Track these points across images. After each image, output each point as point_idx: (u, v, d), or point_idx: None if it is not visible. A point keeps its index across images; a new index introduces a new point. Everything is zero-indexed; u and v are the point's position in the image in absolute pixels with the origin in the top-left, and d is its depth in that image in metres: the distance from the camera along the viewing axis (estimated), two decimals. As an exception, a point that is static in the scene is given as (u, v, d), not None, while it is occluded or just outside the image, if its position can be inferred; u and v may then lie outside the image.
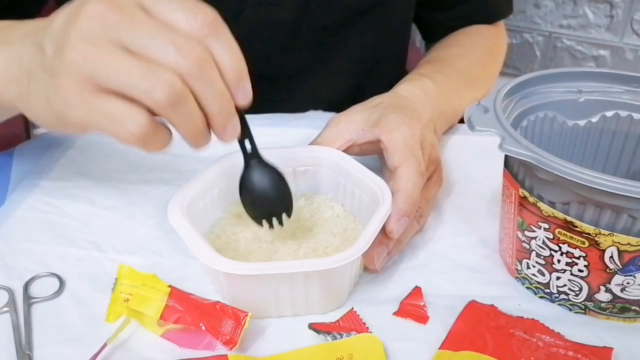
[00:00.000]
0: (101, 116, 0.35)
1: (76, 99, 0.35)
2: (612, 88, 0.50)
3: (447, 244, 0.52)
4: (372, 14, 0.69)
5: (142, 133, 0.34)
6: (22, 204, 0.55)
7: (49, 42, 0.36)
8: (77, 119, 0.35)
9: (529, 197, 0.42)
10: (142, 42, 0.34)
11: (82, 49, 0.34)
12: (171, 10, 0.35)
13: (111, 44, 0.34)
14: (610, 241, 0.39)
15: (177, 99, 0.34)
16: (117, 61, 0.34)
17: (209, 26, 0.35)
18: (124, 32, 0.34)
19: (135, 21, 0.34)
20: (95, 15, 0.34)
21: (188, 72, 0.34)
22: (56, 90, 0.35)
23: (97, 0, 0.35)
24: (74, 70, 0.34)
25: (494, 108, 0.44)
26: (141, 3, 0.35)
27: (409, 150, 0.49)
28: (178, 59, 0.34)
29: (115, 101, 0.34)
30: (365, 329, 0.43)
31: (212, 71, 0.35)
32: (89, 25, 0.34)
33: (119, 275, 0.45)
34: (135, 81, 0.33)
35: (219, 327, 0.41)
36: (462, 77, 0.69)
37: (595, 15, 1.31)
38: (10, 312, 0.44)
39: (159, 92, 0.33)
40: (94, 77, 0.34)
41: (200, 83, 0.35)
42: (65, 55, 0.34)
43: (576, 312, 0.45)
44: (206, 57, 0.35)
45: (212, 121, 0.36)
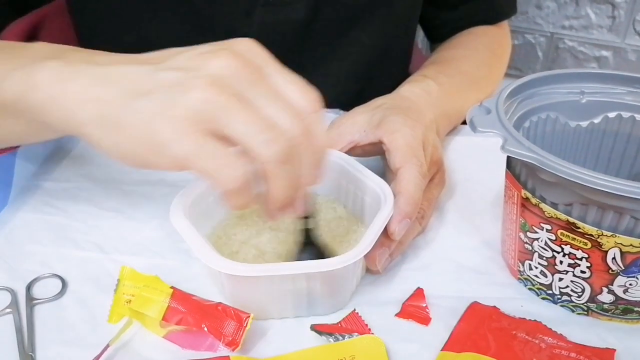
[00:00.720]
0: (206, 155, 0.35)
1: (188, 133, 0.35)
2: (615, 89, 0.50)
3: (450, 245, 0.52)
4: (379, 12, 0.69)
5: (241, 182, 0.35)
6: (25, 205, 0.55)
7: (169, 74, 0.36)
8: (181, 152, 0.35)
9: (532, 199, 0.42)
10: (264, 101, 0.36)
11: (211, 90, 0.35)
12: (288, 84, 0.37)
13: (237, 94, 0.35)
14: (612, 242, 0.39)
15: (287, 157, 0.36)
16: (241, 110, 0.35)
17: (314, 109, 0.38)
18: (250, 88, 0.36)
19: (262, 82, 0.36)
20: (228, 65, 0.36)
21: (297, 137, 0.36)
22: (168, 121, 0.35)
23: (231, 53, 0.36)
24: (196, 107, 0.35)
25: (496, 109, 0.44)
26: (264, 68, 0.37)
27: (410, 151, 0.49)
28: (292, 124, 0.36)
29: (226, 147, 0.35)
30: (367, 330, 0.43)
31: (312, 142, 0.37)
32: (220, 72, 0.35)
33: (121, 277, 0.45)
34: (256, 132, 0.35)
35: (221, 328, 0.41)
36: (465, 78, 0.69)
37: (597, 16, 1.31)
38: (13, 313, 0.44)
39: (276, 147, 0.35)
40: (216, 119, 0.35)
41: (303, 149, 0.37)
42: (192, 92, 0.35)
43: (579, 313, 0.45)
44: (309, 133, 0.37)
45: (298, 189, 0.38)
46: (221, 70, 0.35)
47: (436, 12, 0.78)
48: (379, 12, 0.69)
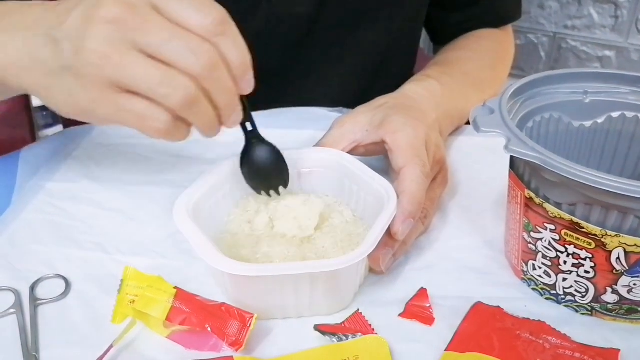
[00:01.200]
0: (127, 114, 0.37)
1: (102, 98, 0.37)
2: (618, 89, 0.50)
3: (453, 245, 0.52)
4: (386, 10, 0.69)
5: (167, 128, 0.38)
6: (28, 206, 0.55)
7: (66, 41, 0.38)
8: (104, 116, 0.38)
9: (535, 199, 0.42)
10: (158, 45, 0.36)
11: (102, 53, 0.36)
12: (183, 10, 0.37)
13: (129, 47, 0.36)
14: (616, 242, 0.39)
15: (191, 101, 0.37)
16: (136, 66, 0.36)
17: (219, 25, 0.37)
18: (140, 35, 0.36)
19: (150, 24, 0.36)
20: (111, 18, 0.36)
21: (201, 73, 0.37)
22: (81, 89, 0.38)
23: (113, 2, 0.36)
24: (96, 72, 0.36)
25: (499, 109, 0.44)
26: (153, 2, 0.37)
27: (413, 151, 0.49)
28: (192, 62, 0.36)
29: (139, 100, 0.37)
30: (370, 330, 0.43)
31: (222, 70, 0.38)
32: (106, 28, 0.36)
33: (125, 277, 0.45)
34: (154, 86, 0.36)
35: (225, 328, 0.41)
36: (469, 79, 0.69)
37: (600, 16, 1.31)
38: (17, 313, 0.44)
39: (176, 97, 0.36)
40: (116, 80, 0.36)
41: (212, 82, 0.38)
42: (86, 58, 0.36)
43: (582, 313, 0.45)
44: (216, 58, 0.37)
45: (220, 112, 0.40)
46: (108, 25, 0.36)
47: (441, 13, 0.78)
48: (385, 10, 0.69)
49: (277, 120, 0.67)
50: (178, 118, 0.38)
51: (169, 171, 0.60)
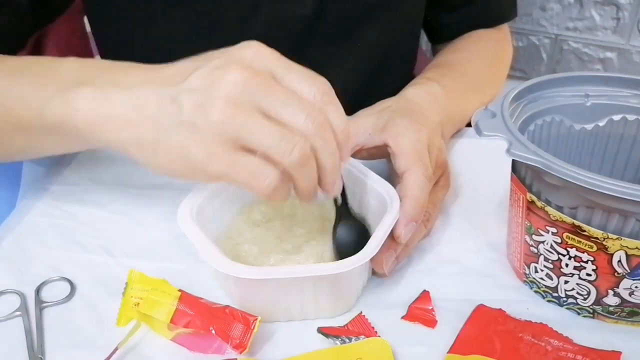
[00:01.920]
0: (239, 170, 0.39)
1: (218, 154, 0.39)
2: (620, 92, 0.50)
3: (455, 248, 0.52)
4: (386, 11, 0.70)
5: (275, 185, 0.39)
6: (33, 208, 0.55)
7: (187, 98, 0.39)
8: (216, 171, 0.39)
9: (537, 202, 0.43)
10: (278, 108, 0.39)
11: (229, 111, 0.38)
12: (297, 80, 0.40)
13: (252, 108, 0.38)
14: (618, 245, 0.40)
15: (305, 161, 0.39)
16: (259, 125, 0.38)
17: (325, 95, 0.41)
18: (263, 99, 0.39)
19: (272, 89, 0.39)
20: (239, 81, 0.38)
21: (314, 135, 0.39)
22: (198, 145, 0.39)
23: (240, 67, 0.39)
24: (220, 129, 0.38)
25: (501, 113, 0.45)
26: (274, 73, 0.40)
27: (416, 155, 0.49)
28: (307, 124, 0.39)
29: (253, 158, 0.39)
30: (373, 333, 0.43)
31: (330, 133, 0.40)
32: (233, 90, 0.38)
33: (130, 280, 0.45)
34: (274, 143, 0.38)
35: (229, 331, 0.41)
36: (469, 81, 0.69)
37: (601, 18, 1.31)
38: (22, 316, 0.44)
39: (295, 154, 0.39)
40: (239, 137, 0.38)
41: (321, 143, 0.40)
42: (211, 115, 0.38)
43: (584, 316, 0.45)
44: (326, 122, 0.40)
45: (324, 177, 0.41)
46: (235, 87, 0.38)
47: (437, 14, 0.79)
48: (385, 10, 0.70)
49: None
50: (284, 181, 0.40)
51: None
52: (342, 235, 0.47)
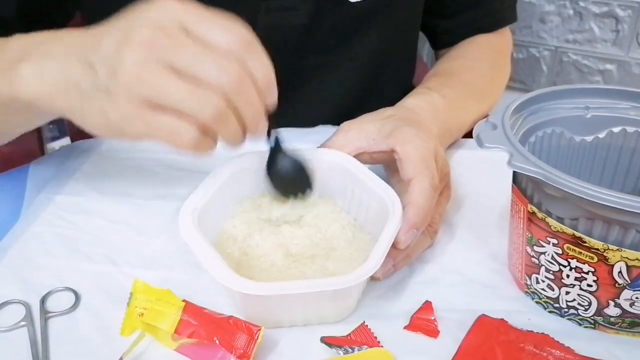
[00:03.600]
0: (158, 130, 0.39)
1: (134, 116, 0.39)
2: (619, 104, 0.51)
3: (457, 258, 0.52)
4: (380, 17, 0.70)
5: (195, 142, 0.40)
6: (38, 219, 0.56)
7: (101, 64, 0.40)
8: (136, 133, 0.40)
9: (538, 213, 0.43)
10: (188, 64, 0.39)
11: (137, 73, 0.38)
12: (211, 31, 0.39)
13: (161, 67, 0.38)
14: (618, 256, 0.40)
15: (221, 115, 0.39)
16: (168, 84, 0.38)
17: (244, 43, 0.40)
18: (171, 55, 0.38)
19: (181, 45, 0.39)
20: (145, 41, 0.38)
21: (229, 89, 0.39)
22: (114, 108, 0.40)
23: (146, 26, 0.39)
24: (130, 91, 0.39)
25: (502, 125, 0.45)
26: (184, 25, 0.39)
27: (423, 162, 0.49)
28: (221, 79, 0.39)
29: (170, 116, 0.39)
30: (376, 343, 0.43)
31: (248, 86, 0.40)
32: (140, 51, 0.38)
33: (134, 290, 0.46)
34: (186, 102, 0.38)
35: (233, 341, 0.41)
36: (469, 89, 0.70)
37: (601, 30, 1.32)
38: (27, 326, 0.44)
39: (207, 111, 0.39)
40: (149, 97, 0.39)
41: (239, 97, 0.40)
42: (121, 78, 0.39)
43: (586, 326, 0.45)
44: (243, 74, 0.40)
45: (247, 125, 0.42)
46: (140, 47, 0.38)
47: (436, 20, 0.79)
48: (380, 17, 0.70)
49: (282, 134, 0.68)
50: (205, 132, 0.40)
51: (176, 185, 0.61)
52: (281, 169, 0.50)
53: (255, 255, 0.48)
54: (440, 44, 0.83)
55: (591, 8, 1.31)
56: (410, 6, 0.74)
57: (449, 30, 0.80)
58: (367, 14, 0.69)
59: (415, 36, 0.81)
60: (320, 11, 0.67)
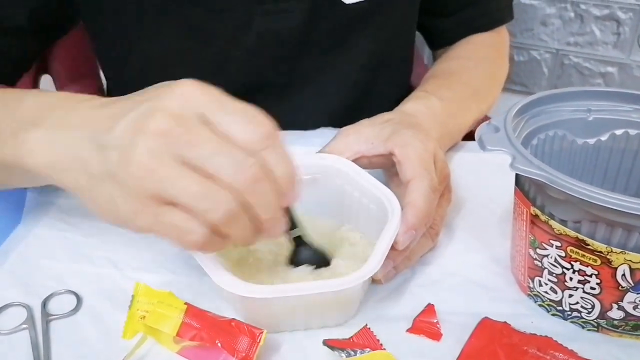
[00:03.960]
0: (165, 226, 0.37)
1: (142, 210, 0.37)
2: (621, 107, 0.51)
3: (459, 261, 0.52)
4: (376, 19, 0.70)
5: (202, 242, 0.37)
6: (39, 221, 0.56)
7: (113, 149, 0.38)
8: (142, 226, 0.38)
9: (541, 215, 0.43)
10: (203, 158, 0.36)
11: (148, 166, 0.36)
12: (232, 124, 0.37)
13: (174, 160, 0.36)
14: (622, 259, 0.40)
15: (231, 218, 0.37)
16: (179, 180, 0.36)
17: (266, 139, 0.37)
18: (186, 149, 0.36)
19: (198, 138, 0.36)
20: (160, 131, 0.36)
21: (244, 188, 0.36)
22: (123, 199, 0.37)
23: (163, 114, 0.36)
24: (139, 185, 0.36)
25: (504, 127, 0.45)
26: (204, 116, 0.37)
27: (422, 164, 0.49)
28: (235, 176, 0.36)
29: (178, 213, 0.36)
30: (379, 345, 0.43)
31: (265, 185, 0.37)
32: (153, 141, 0.36)
33: (136, 293, 0.45)
34: (195, 201, 0.36)
35: (235, 344, 0.41)
36: (467, 90, 0.70)
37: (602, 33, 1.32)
38: (29, 329, 0.44)
39: (217, 212, 0.36)
40: (158, 192, 0.36)
41: (254, 197, 0.37)
42: (131, 170, 0.36)
43: (589, 329, 0.45)
44: (260, 173, 0.37)
45: (261, 225, 0.39)
46: (156, 138, 0.36)
47: (432, 19, 0.80)
48: (375, 18, 0.70)
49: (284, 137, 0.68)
50: (216, 231, 0.38)
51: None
52: (303, 262, 0.47)
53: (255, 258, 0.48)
54: (437, 44, 0.83)
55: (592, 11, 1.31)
56: (406, 7, 0.74)
57: (446, 30, 0.80)
58: (362, 16, 0.69)
59: (411, 36, 0.81)
60: (316, 13, 0.67)
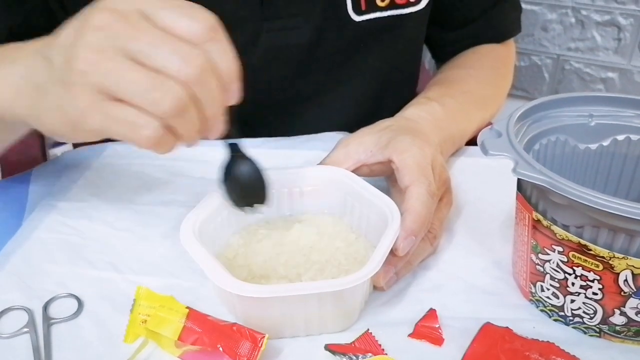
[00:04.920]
0: (116, 123, 0.36)
1: (91, 107, 0.36)
2: (623, 112, 0.51)
3: (461, 266, 0.52)
4: (385, 35, 0.71)
5: (156, 137, 0.36)
6: (40, 225, 0.56)
7: (57, 54, 0.37)
8: (93, 126, 0.37)
9: (543, 221, 0.43)
10: (147, 51, 0.35)
11: (91, 59, 0.35)
12: (173, 17, 0.36)
13: (118, 53, 0.35)
14: (624, 264, 0.40)
15: (181, 108, 0.36)
16: (124, 72, 0.35)
17: (209, 31, 0.37)
18: (129, 42, 0.35)
19: (140, 31, 0.36)
20: (101, 25, 0.36)
21: (191, 79, 0.36)
22: (70, 100, 0.37)
23: (102, 11, 0.36)
24: (84, 80, 0.36)
25: (507, 132, 0.45)
26: (144, 11, 0.36)
27: (420, 170, 0.49)
28: (182, 68, 0.35)
29: (129, 108, 0.36)
30: (380, 350, 0.43)
31: (211, 77, 0.37)
32: (95, 35, 0.35)
33: (137, 297, 0.45)
34: (143, 93, 0.35)
35: (236, 348, 0.41)
36: (470, 98, 0.70)
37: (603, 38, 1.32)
38: (30, 332, 0.44)
39: (166, 104, 0.35)
40: (105, 86, 0.35)
41: (200, 88, 0.37)
42: (74, 66, 0.36)
43: (591, 335, 0.45)
44: (206, 64, 0.36)
45: (204, 123, 0.39)
46: (96, 33, 0.35)
47: (440, 32, 0.80)
48: (383, 36, 0.71)
49: (285, 142, 0.68)
50: (166, 126, 0.37)
51: (178, 191, 0.61)
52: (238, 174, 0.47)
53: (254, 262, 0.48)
54: (443, 56, 0.83)
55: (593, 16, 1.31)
56: (415, 23, 0.74)
57: (452, 42, 0.81)
58: (371, 33, 0.69)
59: (419, 52, 0.81)
60: (324, 30, 0.67)
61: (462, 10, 0.78)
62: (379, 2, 0.68)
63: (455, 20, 0.79)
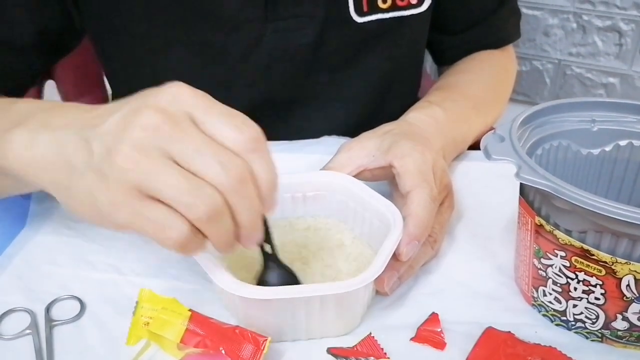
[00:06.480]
0: (145, 221, 0.36)
1: (123, 203, 0.36)
2: (626, 117, 0.51)
3: (463, 270, 0.52)
4: (387, 37, 0.71)
5: (182, 240, 0.36)
6: (43, 227, 0.56)
7: (99, 142, 0.37)
8: (120, 221, 0.37)
9: (545, 225, 0.43)
10: (188, 155, 0.36)
11: (133, 158, 0.35)
12: (220, 125, 0.37)
13: (160, 155, 0.36)
14: (627, 270, 0.40)
15: (215, 215, 0.36)
16: (163, 172, 0.35)
17: (252, 142, 0.37)
18: (174, 145, 0.36)
19: (186, 135, 0.36)
20: (149, 126, 0.36)
21: (228, 187, 0.36)
22: (103, 192, 0.37)
23: (152, 111, 0.36)
24: (123, 177, 0.36)
25: (509, 137, 0.45)
26: (193, 116, 0.37)
27: (421, 175, 0.49)
28: (220, 175, 0.36)
29: (159, 208, 0.36)
30: (383, 354, 0.43)
31: (249, 187, 0.37)
32: (142, 135, 0.36)
33: (140, 299, 0.45)
34: (179, 195, 0.35)
35: (239, 351, 0.41)
36: (471, 103, 0.70)
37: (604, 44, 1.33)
38: (33, 334, 0.44)
39: (201, 208, 0.35)
40: (142, 185, 0.36)
41: (238, 198, 0.37)
42: (116, 161, 0.36)
43: (593, 340, 0.45)
44: (246, 174, 0.37)
45: (241, 231, 0.38)
46: (143, 132, 0.36)
47: (441, 36, 0.80)
48: (386, 37, 0.71)
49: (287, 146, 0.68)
50: (196, 231, 0.37)
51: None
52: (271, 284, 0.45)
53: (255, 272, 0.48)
54: (444, 60, 0.84)
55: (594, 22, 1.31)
56: (418, 25, 0.75)
57: (453, 47, 0.81)
58: (374, 34, 0.70)
59: (421, 54, 0.81)
60: (327, 31, 0.67)
61: (463, 15, 0.78)
62: (381, 3, 0.68)
63: (456, 26, 0.79)
